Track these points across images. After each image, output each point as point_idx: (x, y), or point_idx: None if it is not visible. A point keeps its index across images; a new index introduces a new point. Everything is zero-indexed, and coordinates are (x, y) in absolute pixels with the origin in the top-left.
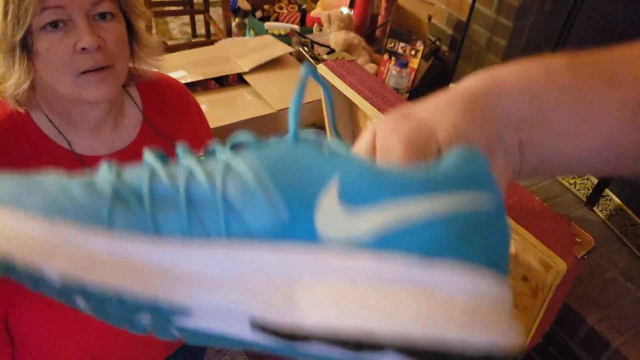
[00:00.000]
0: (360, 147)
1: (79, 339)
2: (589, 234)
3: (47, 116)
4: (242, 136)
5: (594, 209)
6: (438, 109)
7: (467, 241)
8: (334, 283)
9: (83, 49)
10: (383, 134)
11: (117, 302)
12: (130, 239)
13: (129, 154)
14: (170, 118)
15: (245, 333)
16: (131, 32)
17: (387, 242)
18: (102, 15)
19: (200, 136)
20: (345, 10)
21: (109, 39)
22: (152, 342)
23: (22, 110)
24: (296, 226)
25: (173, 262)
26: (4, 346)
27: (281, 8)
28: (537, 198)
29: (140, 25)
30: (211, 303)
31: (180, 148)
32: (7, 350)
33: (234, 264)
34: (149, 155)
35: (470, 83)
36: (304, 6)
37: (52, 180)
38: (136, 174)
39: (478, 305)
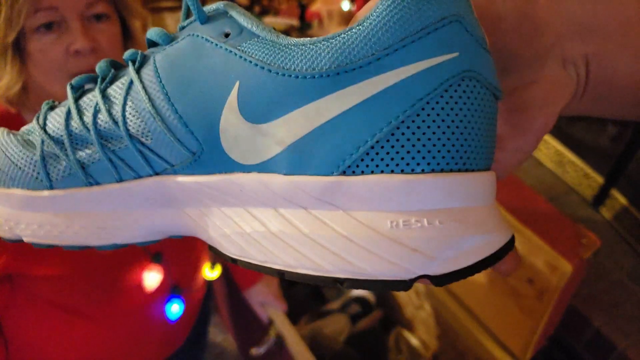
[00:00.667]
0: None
1: (74, 342)
2: (595, 235)
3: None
4: (154, 33)
5: (600, 209)
6: None
7: None
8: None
9: (77, 51)
10: None
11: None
12: (73, 196)
13: None
14: None
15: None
16: (126, 32)
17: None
18: (97, 17)
19: None
20: (346, 5)
21: (103, 40)
22: (148, 346)
23: (13, 110)
24: (209, 158)
25: (119, 204)
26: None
27: (280, 3)
28: (542, 198)
29: (136, 25)
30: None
31: (100, 67)
32: (2, 352)
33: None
34: (69, 86)
35: None
36: (303, 1)
37: None
38: (57, 118)
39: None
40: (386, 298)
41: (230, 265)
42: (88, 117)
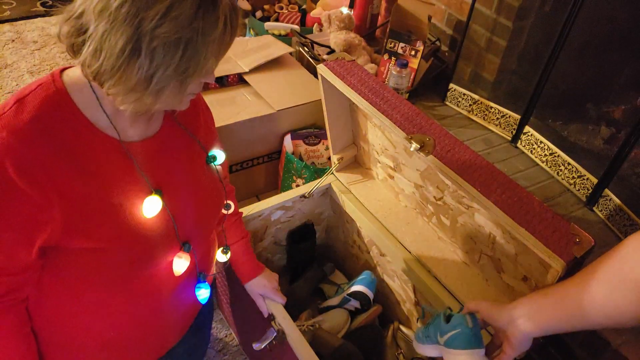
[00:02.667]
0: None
1: (107, 316)
2: (589, 233)
3: (101, 105)
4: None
5: (594, 209)
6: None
7: None
8: None
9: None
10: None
11: None
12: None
13: (156, 142)
14: (187, 110)
15: None
16: None
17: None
18: None
19: (211, 130)
20: (345, 10)
21: None
22: (166, 330)
23: (92, 83)
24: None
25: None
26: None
27: (281, 8)
28: (536, 198)
29: None
30: None
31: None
32: (33, 345)
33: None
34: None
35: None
36: (304, 6)
37: None
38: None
39: None
40: (384, 294)
41: (231, 260)
42: None
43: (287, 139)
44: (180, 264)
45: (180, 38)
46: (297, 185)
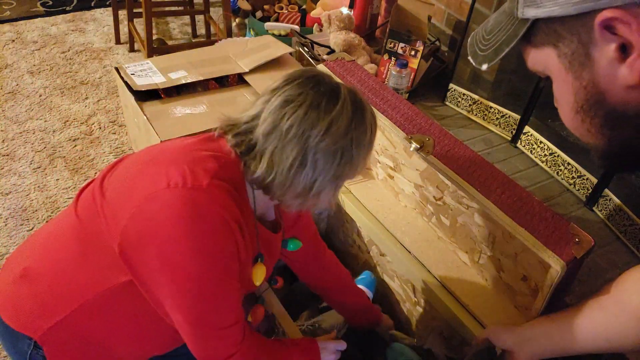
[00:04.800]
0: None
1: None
2: (589, 233)
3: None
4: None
5: (594, 208)
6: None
7: None
8: None
9: None
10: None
11: None
12: None
13: (273, 222)
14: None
15: None
16: None
17: None
18: None
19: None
20: (345, 10)
21: None
22: (160, 336)
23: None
24: None
25: None
26: None
27: (281, 8)
28: (536, 198)
29: None
30: None
31: None
32: None
33: None
34: None
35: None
36: (304, 6)
37: None
38: None
39: None
40: (384, 294)
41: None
42: None
43: None
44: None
45: (337, 148)
46: None
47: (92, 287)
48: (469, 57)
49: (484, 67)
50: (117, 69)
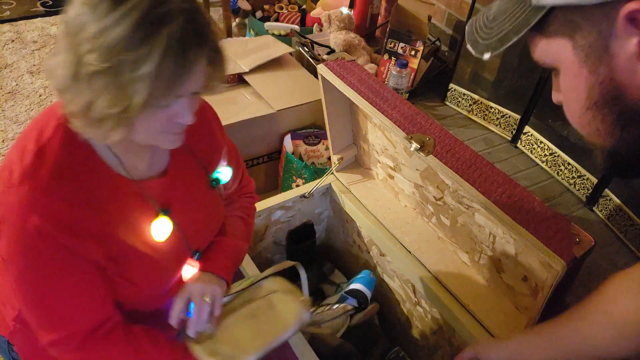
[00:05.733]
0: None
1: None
2: (589, 233)
3: (108, 147)
4: None
5: (594, 208)
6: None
7: None
8: None
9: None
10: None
11: None
12: None
13: (168, 179)
14: (196, 136)
15: None
16: None
17: None
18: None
19: (218, 148)
20: (345, 10)
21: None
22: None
23: (80, 139)
24: None
25: None
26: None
27: (281, 8)
28: (537, 198)
29: None
30: None
31: None
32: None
33: None
34: None
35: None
36: (304, 6)
37: None
38: None
39: None
40: (384, 294)
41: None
42: None
43: (287, 138)
44: (190, 271)
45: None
46: (297, 185)
47: None
48: (468, 46)
49: (486, 56)
50: None
